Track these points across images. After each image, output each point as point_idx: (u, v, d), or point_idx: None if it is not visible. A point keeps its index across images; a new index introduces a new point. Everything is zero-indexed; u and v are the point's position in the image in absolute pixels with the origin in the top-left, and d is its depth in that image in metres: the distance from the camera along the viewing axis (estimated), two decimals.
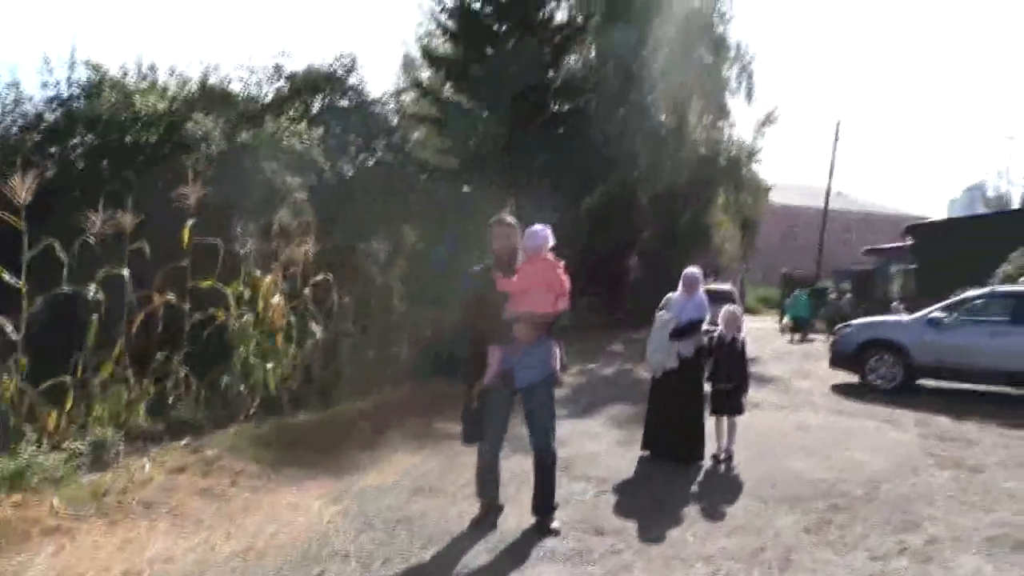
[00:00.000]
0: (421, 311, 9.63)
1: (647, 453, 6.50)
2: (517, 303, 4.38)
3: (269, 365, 7.05)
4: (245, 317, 6.94)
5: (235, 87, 11.46)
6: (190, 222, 6.52)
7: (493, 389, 4.39)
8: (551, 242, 4.48)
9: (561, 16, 15.70)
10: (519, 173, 13.19)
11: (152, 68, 10.52)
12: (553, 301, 4.41)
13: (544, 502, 4.63)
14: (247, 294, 7.04)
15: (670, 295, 6.46)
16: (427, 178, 12.89)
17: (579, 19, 15.83)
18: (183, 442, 5.92)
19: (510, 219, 4.51)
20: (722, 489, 5.70)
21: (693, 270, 6.44)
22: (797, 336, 20.02)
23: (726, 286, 17.95)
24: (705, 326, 6.40)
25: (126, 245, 6.17)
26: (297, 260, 7.59)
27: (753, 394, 8.83)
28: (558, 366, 4.50)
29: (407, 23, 42.83)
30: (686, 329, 6.27)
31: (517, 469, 5.64)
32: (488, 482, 4.67)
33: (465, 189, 12.98)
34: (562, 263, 4.48)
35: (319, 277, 7.88)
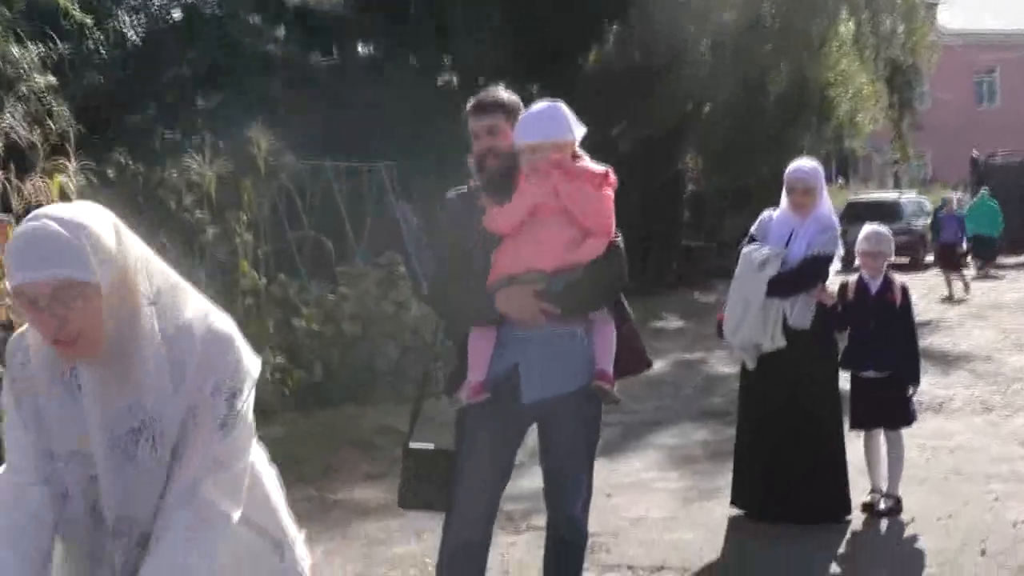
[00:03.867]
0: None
1: (740, 512, 6.35)
2: (507, 253, 4.11)
3: None
4: None
5: None
6: None
7: (479, 407, 4.06)
8: (576, 130, 4.16)
9: None
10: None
11: None
12: (573, 244, 4.09)
13: None
14: None
15: (766, 214, 6.23)
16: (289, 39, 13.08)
17: None
18: None
19: (501, 96, 4.29)
20: (901, 573, 5.51)
21: (804, 165, 6.12)
22: (970, 272, 19.81)
23: (891, 194, 16.55)
24: (835, 268, 6.19)
25: None
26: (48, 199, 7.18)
27: (930, 386, 9.19)
28: (608, 366, 4.13)
29: None
30: (799, 277, 5.97)
31: (496, 560, 5.48)
32: None
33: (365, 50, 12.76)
34: (604, 170, 4.19)
35: None
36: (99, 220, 2.13)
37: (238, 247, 8.97)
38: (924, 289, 18.24)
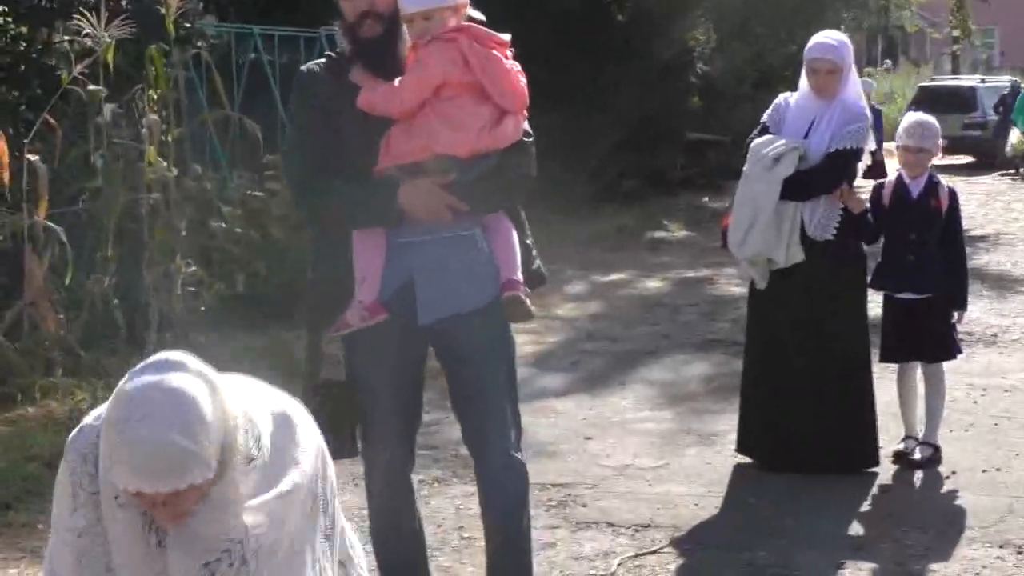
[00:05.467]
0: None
1: (746, 460, 6.46)
2: (407, 137, 4.19)
3: None
4: None
5: None
6: None
7: (372, 332, 4.13)
8: None
9: None
10: None
11: None
12: (489, 125, 4.22)
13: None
14: None
15: (782, 99, 6.33)
16: None
17: None
18: None
19: None
20: (937, 536, 5.60)
21: (829, 39, 6.21)
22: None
23: (969, 79, 16.49)
24: (863, 166, 6.34)
25: None
26: None
27: (982, 313, 9.46)
28: (518, 274, 4.28)
29: None
30: (821, 175, 6.04)
31: (451, 513, 5.85)
32: (397, 547, 4.57)
33: None
34: (503, 38, 4.32)
35: None
36: (207, 404, 2.32)
37: (143, 130, 8.84)
38: (983, 196, 18.32)
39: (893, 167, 6.82)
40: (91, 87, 8.41)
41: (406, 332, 4.27)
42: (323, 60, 4.45)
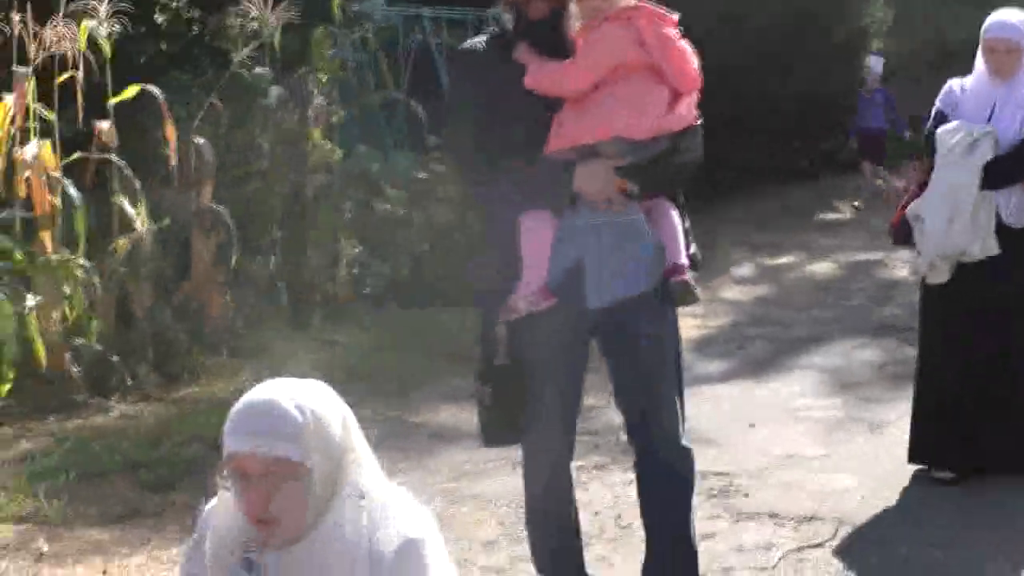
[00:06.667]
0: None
1: (924, 467, 6.18)
2: (582, 118, 4.13)
3: (31, 302, 7.05)
4: None
5: None
6: None
7: (538, 318, 4.15)
8: None
9: None
10: None
11: None
12: (664, 108, 4.19)
13: (678, 571, 4.51)
14: None
15: (954, 83, 6.10)
16: None
17: None
18: None
19: None
20: None
21: (1008, 18, 5.93)
22: None
23: None
24: None
25: None
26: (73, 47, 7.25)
27: None
28: (684, 258, 4.27)
29: None
30: (1020, 160, 5.82)
31: (609, 501, 5.78)
32: (553, 534, 4.59)
33: None
34: (673, 17, 4.27)
35: (126, 94, 7.79)
36: (330, 405, 2.45)
37: (308, 112, 9.01)
38: None
39: None
40: (257, 70, 8.57)
41: (573, 317, 4.25)
42: (485, 38, 4.42)
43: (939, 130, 5.93)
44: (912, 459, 6.11)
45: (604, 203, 4.16)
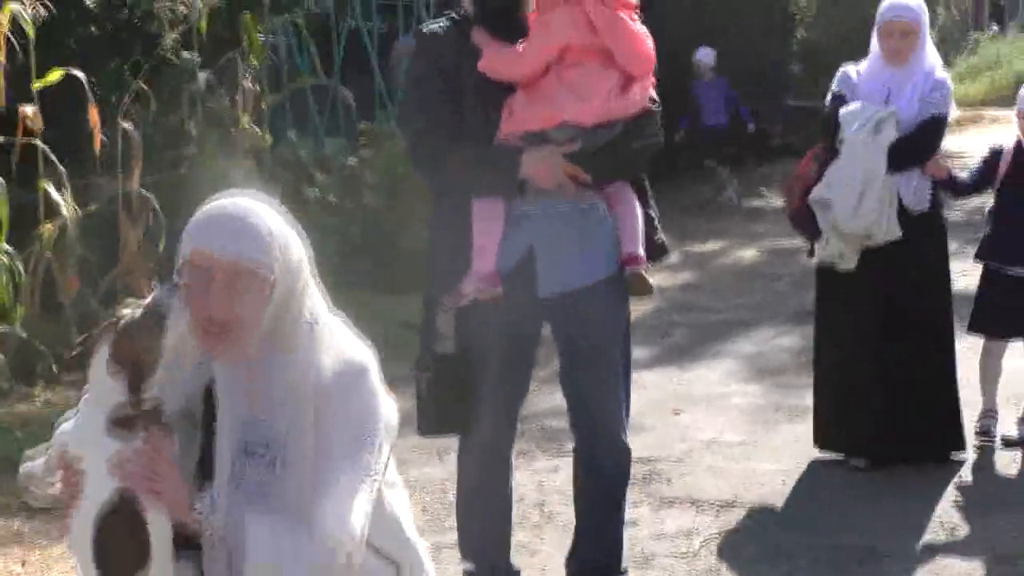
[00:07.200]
0: None
1: (823, 454, 6.27)
2: (531, 104, 4.17)
3: None
4: None
5: None
6: None
7: (487, 306, 4.15)
8: None
9: None
10: None
11: None
12: (616, 92, 4.18)
13: (603, 560, 4.51)
14: None
15: (849, 68, 6.24)
16: None
17: None
18: None
19: None
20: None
21: (901, 1, 6.04)
22: None
23: None
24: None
25: None
26: None
27: None
28: (640, 248, 4.26)
29: None
30: (923, 141, 5.96)
31: (532, 488, 5.81)
32: (485, 524, 4.58)
33: None
34: (637, 1, 4.31)
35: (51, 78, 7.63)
36: (291, 229, 2.52)
37: (237, 97, 8.91)
38: None
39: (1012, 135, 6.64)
40: (184, 54, 8.44)
41: (523, 305, 4.23)
42: (445, 21, 4.41)
43: (842, 111, 5.94)
44: (823, 447, 6.16)
45: (555, 189, 4.13)
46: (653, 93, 4.28)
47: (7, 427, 6.20)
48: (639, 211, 4.32)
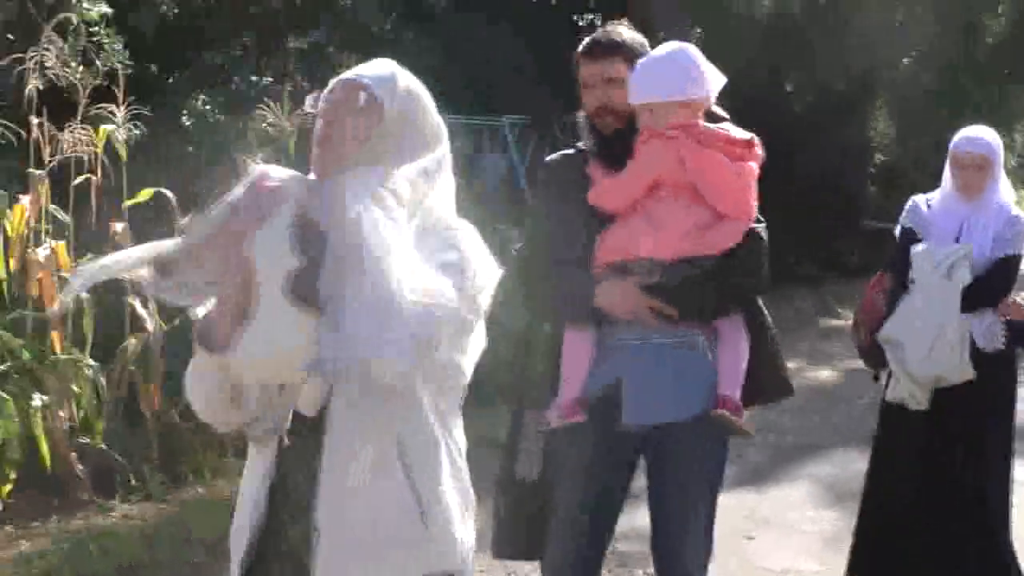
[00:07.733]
0: None
1: None
2: (617, 235, 4.15)
3: (36, 402, 6.90)
4: None
5: None
6: None
7: (574, 433, 4.10)
8: (708, 83, 4.17)
9: None
10: None
11: None
12: (701, 229, 4.11)
13: None
14: None
15: (919, 200, 6.11)
16: None
17: None
18: None
19: (621, 36, 4.31)
20: None
21: (978, 133, 5.99)
22: None
23: None
24: None
25: None
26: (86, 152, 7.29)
27: None
28: (734, 390, 4.11)
29: None
30: (997, 283, 5.83)
31: None
32: None
33: None
34: (747, 138, 4.21)
35: (141, 197, 7.73)
36: (426, 97, 2.79)
37: None
38: None
39: None
40: None
41: (609, 436, 4.17)
42: (567, 151, 4.46)
43: (914, 250, 5.82)
44: (853, 572, 6.00)
45: (634, 320, 4.07)
46: (762, 230, 4.21)
47: (83, 541, 6.21)
48: (744, 349, 4.23)
